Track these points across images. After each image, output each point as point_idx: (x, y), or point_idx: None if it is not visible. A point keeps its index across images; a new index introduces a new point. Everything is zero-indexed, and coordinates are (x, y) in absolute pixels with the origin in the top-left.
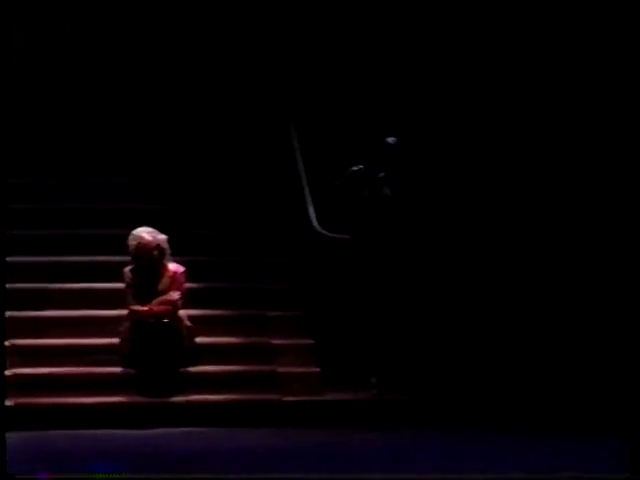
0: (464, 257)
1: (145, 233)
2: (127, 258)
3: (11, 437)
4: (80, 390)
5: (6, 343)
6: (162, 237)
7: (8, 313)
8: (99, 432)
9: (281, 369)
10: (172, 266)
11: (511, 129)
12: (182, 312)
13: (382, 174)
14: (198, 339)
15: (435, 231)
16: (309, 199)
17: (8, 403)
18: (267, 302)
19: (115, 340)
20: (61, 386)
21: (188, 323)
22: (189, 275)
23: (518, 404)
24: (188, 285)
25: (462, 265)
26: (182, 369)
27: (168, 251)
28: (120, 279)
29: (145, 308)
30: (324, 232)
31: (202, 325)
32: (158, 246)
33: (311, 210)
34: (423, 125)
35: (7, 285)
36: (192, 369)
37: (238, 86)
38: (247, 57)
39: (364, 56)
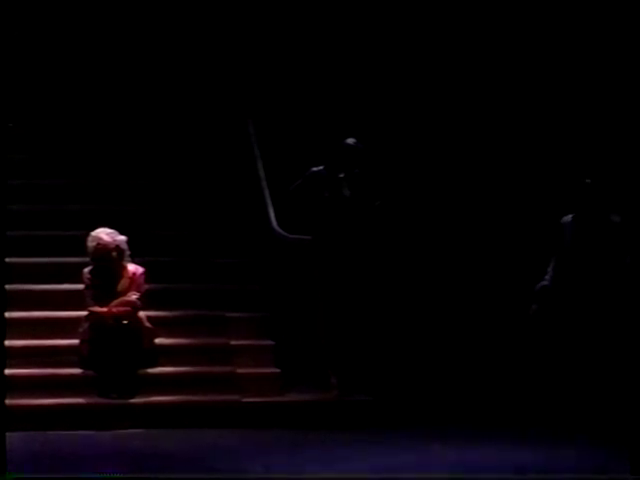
0: (421, 258)
1: (104, 234)
2: (86, 259)
3: None
4: (39, 391)
5: None
6: (121, 238)
7: None
8: (56, 433)
9: (240, 370)
10: (131, 267)
11: (470, 130)
12: (142, 313)
13: (342, 175)
14: (157, 340)
15: (393, 232)
16: (269, 200)
17: None
18: (226, 303)
19: (75, 341)
20: (20, 387)
21: (148, 324)
22: (149, 276)
23: (485, 403)
24: (148, 286)
25: (419, 265)
26: (141, 370)
27: (127, 252)
28: (79, 280)
29: (104, 309)
30: (284, 233)
31: (162, 326)
32: (117, 247)
33: (271, 211)
34: (383, 126)
35: None
36: (151, 370)
37: (196, 85)
38: (206, 56)
39: (324, 56)
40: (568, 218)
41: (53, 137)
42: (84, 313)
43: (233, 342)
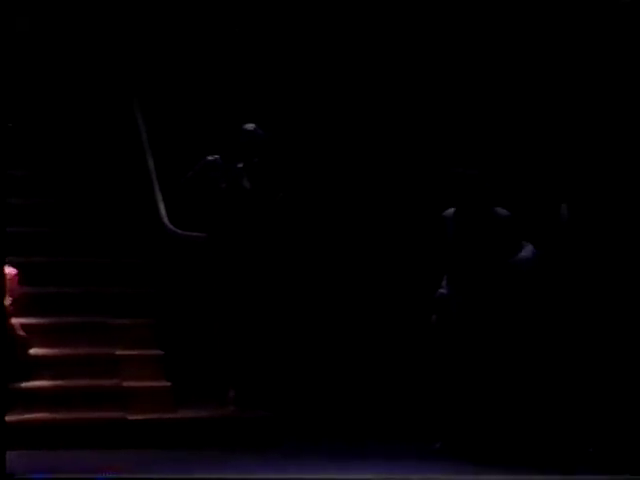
0: (327, 258)
1: None
2: None
3: None
4: None
5: None
6: None
7: None
8: None
9: (126, 383)
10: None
11: (377, 122)
12: (14, 320)
13: (240, 164)
14: (32, 350)
15: (297, 229)
16: (159, 194)
17: None
18: (111, 308)
19: None
20: None
21: (21, 332)
22: (22, 278)
23: (384, 418)
24: (21, 290)
25: (322, 267)
26: (14, 385)
27: None
28: None
29: None
30: (176, 230)
31: (37, 335)
32: None
33: (162, 206)
34: (285, 110)
35: None
36: (25, 384)
37: (81, 75)
38: (91, 42)
39: (218, 38)
40: (450, 212)
41: None
42: None
43: (118, 352)
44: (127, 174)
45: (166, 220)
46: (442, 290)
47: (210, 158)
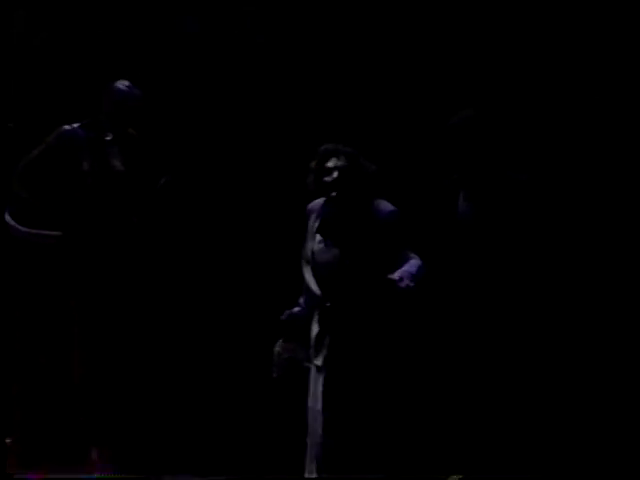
0: (223, 265)
1: None
2: None
3: None
4: None
5: None
6: None
7: None
8: None
9: None
10: None
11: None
12: None
13: (109, 137)
14: None
15: (185, 224)
16: None
17: None
18: None
19: None
20: None
21: None
22: None
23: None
24: None
25: (219, 279)
26: None
27: None
28: None
29: None
30: (17, 226)
31: None
32: None
33: None
34: (168, 66)
35: None
36: None
37: None
38: None
39: None
40: (317, 203)
41: None
42: None
43: None
44: None
45: (7, 214)
46: (297, 308)
47: (67, 128)
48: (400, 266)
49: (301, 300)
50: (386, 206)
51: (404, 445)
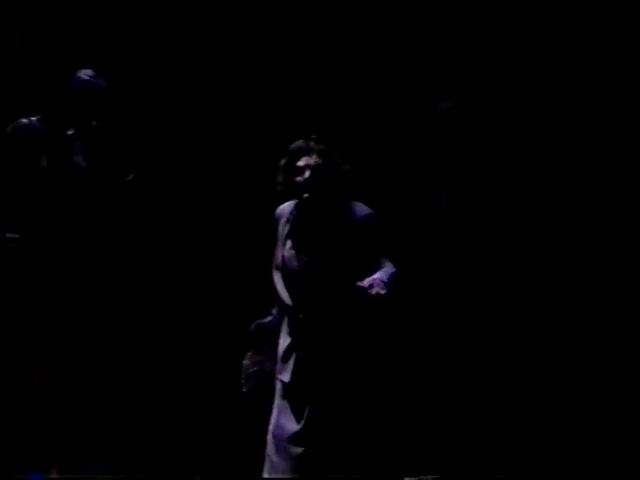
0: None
1: None
2: None
3: None
4: None
5: None
6: None
7: None
8: None
9: None
10: None
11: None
12: None
13: (71, 131)
14: None
15: (153, 225)
16: None
17: None
18: None
19: None
20: None
21: None
22: None
23: None
24: None
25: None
26: None
27: None
28: None
29: None
30: None
31: None
32: None
33: None
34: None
35: None
36: None
37: None
38: None
39: None
40: (288, 206)
41: None
42: None
43: None
44: None
45: None
46: (269, 318)
47: (24, 121)
48: (372, 273)
49: (274, 310)
50: (362, 209)
51: (384, 465)
